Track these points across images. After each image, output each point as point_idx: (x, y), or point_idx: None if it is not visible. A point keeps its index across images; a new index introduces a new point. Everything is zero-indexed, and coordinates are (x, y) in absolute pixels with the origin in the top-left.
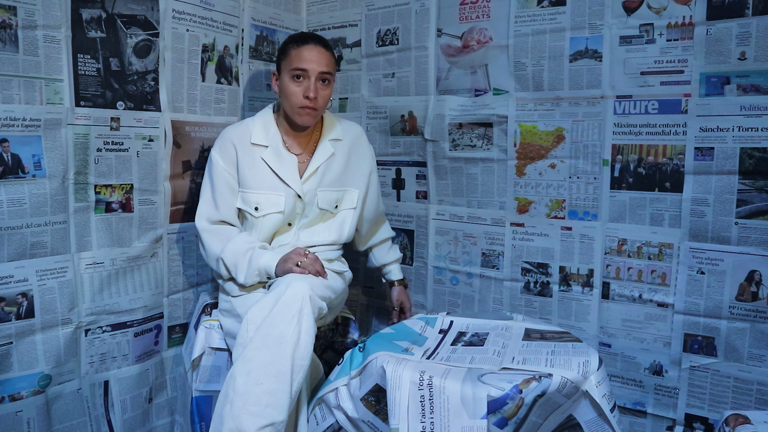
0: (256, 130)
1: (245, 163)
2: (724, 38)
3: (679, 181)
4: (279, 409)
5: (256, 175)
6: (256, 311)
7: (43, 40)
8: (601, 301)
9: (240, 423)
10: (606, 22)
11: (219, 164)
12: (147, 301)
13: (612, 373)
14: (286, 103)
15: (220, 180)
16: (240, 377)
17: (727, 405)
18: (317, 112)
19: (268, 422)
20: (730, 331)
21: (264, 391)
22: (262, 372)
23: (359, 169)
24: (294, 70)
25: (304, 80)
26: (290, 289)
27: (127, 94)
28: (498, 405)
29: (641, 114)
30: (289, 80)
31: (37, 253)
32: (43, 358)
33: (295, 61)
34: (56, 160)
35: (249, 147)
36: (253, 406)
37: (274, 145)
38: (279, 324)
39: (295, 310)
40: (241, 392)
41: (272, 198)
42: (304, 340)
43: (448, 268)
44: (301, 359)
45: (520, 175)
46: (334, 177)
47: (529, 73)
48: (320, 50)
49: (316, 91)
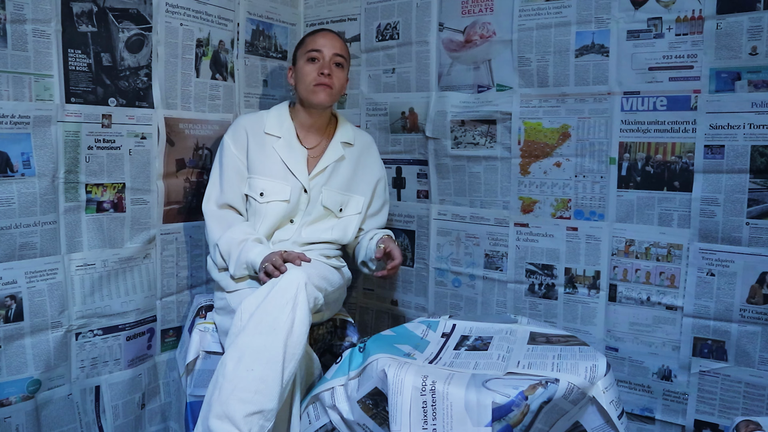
0: (270, 120)
1: (256, 149)
2: (735, 32)
3: (688, 180)
4: (269, 396)
5: (266, 163)
6: (250, 300)
7: (33, 35)
8: (608, 304)
9: (228, 409)
10: (613, 15)
11: (230, 149)
12: (139, 304)
13: (619, 378)
14: (302, 85)
15: (229, 164)
16: (230, 363)
17: (737, 411)
18: (332, 91)
19: (257, 409)
20: (740, 334)
21: (255, 377)
22: (253, 358)
23: (366, 177)
24: (309, 52)
25: (319, 60)
26: (285, 277)
27: (119, 90)
28: (503, 412)
29: (649, 111)
30: (305, 63)
31: (26, 255)
32: (32, 362)
33: (310, 45)
34: (46, 158)
35: (262, 135)
36: (243, 392)
37: (287, 137)
38: (272, 311)
39: (289, 297)
40: (231, 378)
41: (278, 186)
42: (298, 328)
43: (450, 270)
44: (293, 347)
45: (525, 174)
46: (342, 181)
47: (534, 68)
48: (334, 36)
49: (330, 69)
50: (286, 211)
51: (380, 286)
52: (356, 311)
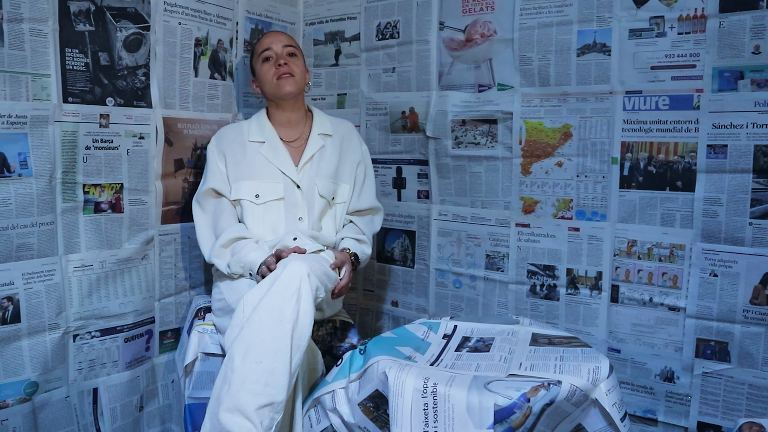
0: (252, 129)
1: (242, 157)
2: (738, 31)
3: (690, 180)
4: (278, 388)
5: (255, 167)
6: (253, 292)
7: (30, 34)
8: (610, 305)
9: (239, 401)
10: (615, 14)
11: (213, 152)
12: (137, 305)
13: (621, 380)
14: (267, 86)
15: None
16: (238, 356)
17: (741, 413)
18: (295, 78)
19: (267, 401)
20: (744, 335)
21: (264, 369)
22: (260, 350)
23: (349, 164)
24: (261, 54)
25: (272, 57)
26: (288, 269)
27: (116, 89)
28: (505, 414)
29: (651, 110)
30: (261, 66)
31: (23, 256)
32: (29, 364)
33: (260, 49)
34: (43, 158)
35: (245, 144)
36: (253, 385)
37: (269, 140)
38: (277, 302)
39: (294, 288)
40: (240, 371)
41: (271, 185)
42: (303, 319)
43: (451, 271)
44: (299, 339)
45: (526, 174)
46: (330, 169)
47: (535, 67)
48: (278, 32)
49: (285, 59)
50: (284, 209)
51: (380, 287)
52: (356, 312)
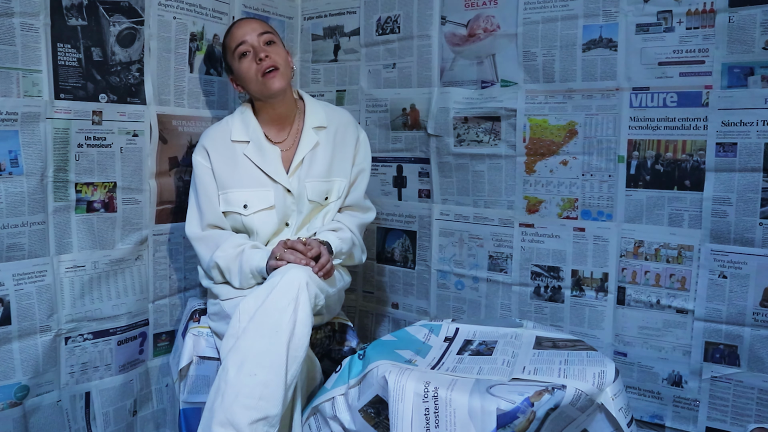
0: (235, 126)
1: (226, 162)
2: (748, 26)
3: (699, 179)
4: (273, 402)
5: (240, 173)
6: (249, 301)
7: (21, 28)
8: (616, 307)
9: (232, 416)
10: (621, 8)
11: (200, 166)
12: (131, 307)
13: (628, 384)
14: (251, 84)
15: (203, 183)
16: (232, 368)
17: (750, 418)
18: (281, 71)
19: (261, 416)
20: (754, 338)
21: (258, 382)
22: (255, 362)
23: (345, 157)
24: (236, 50)
25: (249, 52)
26: (286, 277)
27: (110, 85)
28: (508, 419)
29: (659, 107)
30: (239, 63)
31: (13, 256)
32: (20, 367)
33: (233, 43)
34: (34, 156)
35: (229, 146)
36: (246, 399)
37: (255, 140)
38: (274, 312)
39: (291, 298)
40: (233, 383)
41: (260, 193)
42: (300, 329)
43: (453, 272)
44: (296, 350)
45: (530, 173)
46: (322, 168)
47: (540, 63)
48: (248, 20)
49: (265, 51)
50: (276, 217)
51: (380, 288)
52: (356, 315)
